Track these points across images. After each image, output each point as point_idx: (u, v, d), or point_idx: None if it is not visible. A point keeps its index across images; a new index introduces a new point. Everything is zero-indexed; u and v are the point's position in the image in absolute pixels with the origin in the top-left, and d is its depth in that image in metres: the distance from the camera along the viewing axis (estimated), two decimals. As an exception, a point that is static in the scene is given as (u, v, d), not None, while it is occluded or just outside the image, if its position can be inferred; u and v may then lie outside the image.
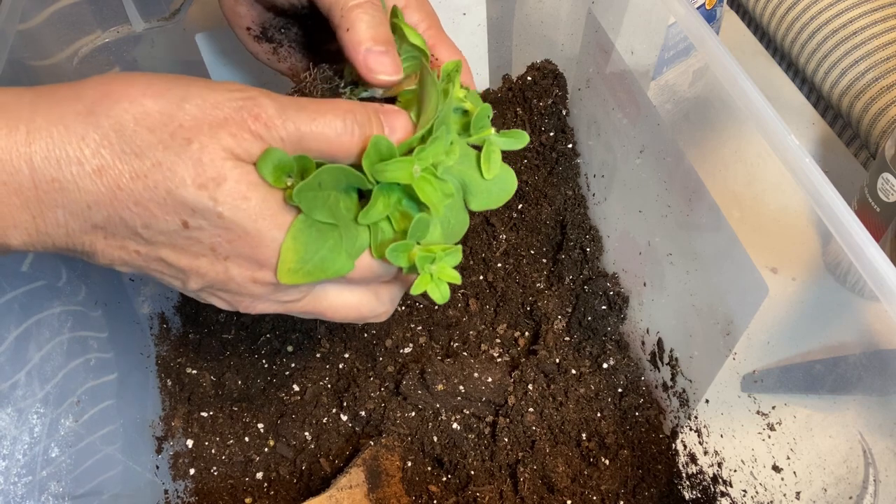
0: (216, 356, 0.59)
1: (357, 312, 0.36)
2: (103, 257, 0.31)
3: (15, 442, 0.41)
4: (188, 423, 0.56)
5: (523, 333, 0.61)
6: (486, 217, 0.64)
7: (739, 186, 0.46)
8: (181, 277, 0.32)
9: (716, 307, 0.48)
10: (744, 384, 0.49)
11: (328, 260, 0.32)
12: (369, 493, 0.51)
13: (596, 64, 0.58)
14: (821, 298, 0.47)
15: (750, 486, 0.48)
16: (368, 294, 0.37)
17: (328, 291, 0.35)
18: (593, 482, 0.53)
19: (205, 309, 0.60)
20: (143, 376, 0.57)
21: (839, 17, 0.76)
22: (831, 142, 0.72)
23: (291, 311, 0.35)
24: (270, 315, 0.60)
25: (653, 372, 0.57)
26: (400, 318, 0.61)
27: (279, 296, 0.34)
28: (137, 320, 0.58)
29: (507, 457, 0.54)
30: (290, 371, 0.58)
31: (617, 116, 0.56)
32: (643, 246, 0.56)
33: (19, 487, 0.40)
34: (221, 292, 0.33)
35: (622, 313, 0.59)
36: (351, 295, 0.36)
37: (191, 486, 0.55)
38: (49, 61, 0.53)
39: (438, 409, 0.56)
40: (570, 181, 0.65)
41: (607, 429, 0.55)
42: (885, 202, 0.56)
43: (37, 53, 0.51)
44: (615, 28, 0.54)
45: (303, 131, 0.31)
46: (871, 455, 0.42)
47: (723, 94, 0.42)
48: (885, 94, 0.72)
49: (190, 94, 0.29)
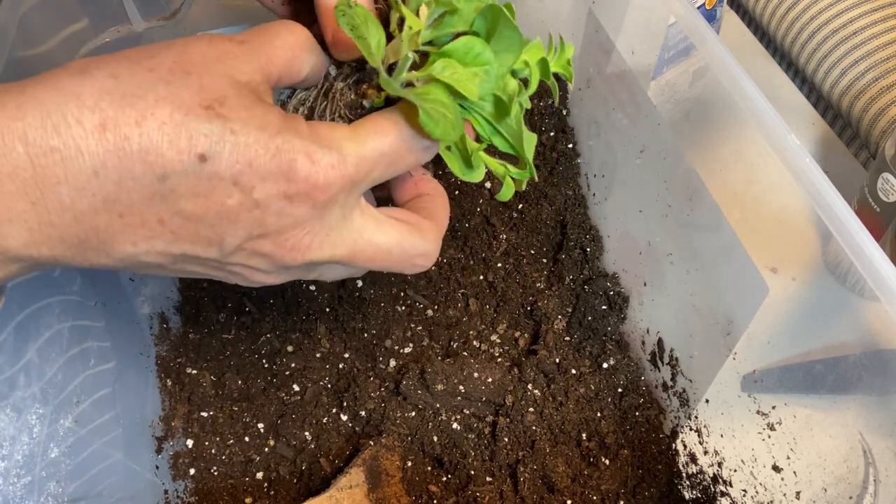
0: (216, 356, 0.59)
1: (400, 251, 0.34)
2: (123, 245, 0.28)
3: (14, 442, 0.41)
4: (188, 423, 0.56)
5: (523, 333, 0.61)
6: (487, 217, 0.64)
7: (740, 186, 0.46)
8: (215, 237, 0.29)
9: (716, 307, 0.48)
10: (744, 384, 0.49)
11: None
12: (369, 493, 0.51)
13: (596, 64, 0.58)
14: (821, 298, 0.48)
15: (750, 486, 0.48)
16: (411, 230, 0.34)
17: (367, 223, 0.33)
18: (593, 482, 0.53)
19: (205, 309, 0.60)
20: (143, 376, 0.57)
21: (839, 17, 0.76)
22: (831, 142, 0.72)
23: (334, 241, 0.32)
24: (270, 315, 0.60)
25: (653, 372, 0.57)
26: (400, 318, 0.61)
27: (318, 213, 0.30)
28: (137, 320, 0.58)
29: (507, 457, 0.54)
30: (290, 371, 0.58)
31: (617, 116, 0.56)
32: (643, 246, 0.56)
33: (18, 488, 0.40)
34: (259, 240, 0.30)
35: (622, 313, 0.59)
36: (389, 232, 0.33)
37: (191, 486, 0.55)
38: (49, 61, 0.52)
39: (438, 409, 0.56)
40: (570, 181, 0.65)
41: (607, 429, 0.55)
42: (885, 202, 0.56)
43: (36, 53, 0.51)
44: (615, 28, 0.54)
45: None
46: (871, 455, 0.42)
47: (723, 93, 0.42)
48: (885, 94, 0.72)
49: (174, 42, 0.29)
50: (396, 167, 0.32)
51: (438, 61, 0.31)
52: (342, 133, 0.31)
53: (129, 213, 0.27)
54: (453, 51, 0.32)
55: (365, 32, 0.31)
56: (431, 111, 0.30)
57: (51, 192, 0.26)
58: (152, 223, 0.28)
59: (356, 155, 0.30)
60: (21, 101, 0.26)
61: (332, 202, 0.30)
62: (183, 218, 0.28)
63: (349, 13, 0.30)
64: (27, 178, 0.26)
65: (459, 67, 0.32)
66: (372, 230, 0.33)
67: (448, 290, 0.62)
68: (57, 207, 0.26)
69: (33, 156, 0.26)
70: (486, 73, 0.32)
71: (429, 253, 0.35)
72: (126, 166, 0.26)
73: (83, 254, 0.28)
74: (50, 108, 0.26)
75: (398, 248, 0.33)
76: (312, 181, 0.29)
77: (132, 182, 0.27)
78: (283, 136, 0.28)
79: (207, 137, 0.27)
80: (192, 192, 0.28)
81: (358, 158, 0.30)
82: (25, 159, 0.26)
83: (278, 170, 0.28)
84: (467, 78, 0.31)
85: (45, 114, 0.26)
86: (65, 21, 0.52)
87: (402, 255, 0.34)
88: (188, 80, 0.28)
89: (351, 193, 0.31)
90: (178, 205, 0.28)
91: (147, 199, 0.27)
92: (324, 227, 0.31)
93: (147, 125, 0.26)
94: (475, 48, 0.32)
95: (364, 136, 0.31)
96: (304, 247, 0.31)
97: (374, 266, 0.34)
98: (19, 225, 0.26)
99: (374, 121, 0.32)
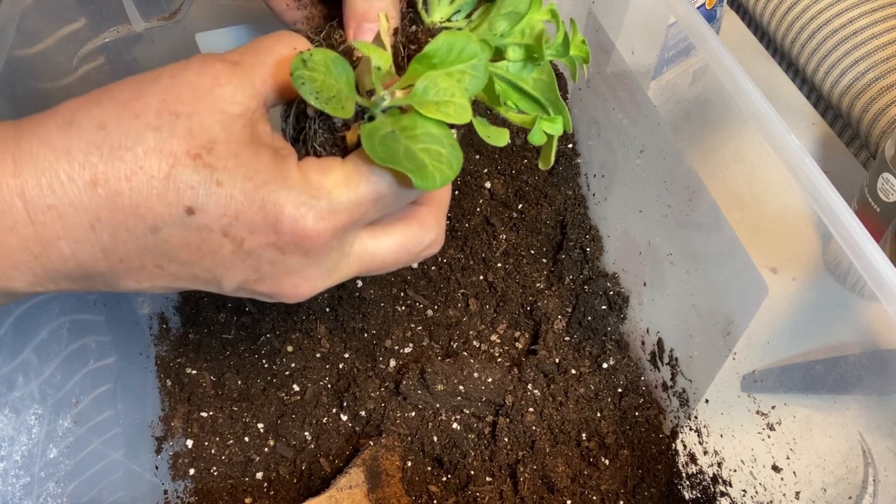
0: (216, 356, 0.59)
1: (406, 252, 0.33)
2: (127, 283, 0.29)
3: (13, 443, 0.41)
4: (188, 423, 0.56)
5: (523, 333, 0.61)
6: (487, 217, 0.64)
7: (740, 186, 0.46)
8: (213, 280, 0.30)
9: (716, 307, 0.48)
10: (744, 384, 0.49)
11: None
12: (369, 493, 0.51)
13: (596, 64, 0.58)
14: (821, 298, 0.48)
15: (750, 486, 0.48)
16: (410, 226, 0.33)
17: (365, 244, 0.32)
18: (593, 482, 0.53)
19: (205, 309, 0.60)
20: (143, 376, 0.57)
21: (839, 17, 0.76)
22: (831, 142, 0.72)
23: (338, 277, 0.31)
24: (270, 315, 0.60)
25: (653, 372, 0.57)
26: (400, 318, 0.61)
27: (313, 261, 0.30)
28: (137, 320, 0.58)
29: (507, 457, 0.54)
30: (290, 371, 0.58)
31: (617, 116, 0.56)
32: (643, 246, 0.56)
33: (17, 488, 0.40)
34: (257, 283, 0.30)
35: (622, 313, 0.59)
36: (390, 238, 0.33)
37: (190, 487, 0.54)
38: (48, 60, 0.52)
39: (438, 409, 0.56)
40: (570, 181, 0.65)
41: (607, 429, 0.55)
42: (885, 202, 0.56)
43: (35, 52, 0.51)
44: (615, 28, 0.54)
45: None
46: (870, 455, 0.42)
47: (723, 93, 0.42)
48: (885, 94, 0.72)
49: (163, 73, 0.28)
50: (395, 206, 0.32)
51: (419, 81, 0.29)
52: (334, 179, 0.29)
53: (128, 259, 0.28)
54: (434, 52, 0.30)
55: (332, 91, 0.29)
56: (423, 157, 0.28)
57: (52, 246, 0.27)
58: (150, 268, 0.29)
59: (348, 202, 0.29)
60: (17, 156, 0.26)
61: (325, 249, 0.30)
62: (180, 264, 0.29)
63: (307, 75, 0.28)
64: (28, 235, 0.27)
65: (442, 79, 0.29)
66: (373, 248, 0.32)
67: (448, 290, 0.62)
68: (59, 258, 0.27)
69: (31, 213, 0.26)
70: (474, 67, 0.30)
71: (434, 241, 0.34)
72: (119, 219, 0.27)
73: (90, 287, 0.29)
74: (43, 166, 0.26)
75: (402, 250, 0.33)
76: (300, 233, 0.28)
77: (126, 234, 0.27)
78: (269, 187, 0.28)
79: (194, 190, 0.27)
80: (185, 243, 0.28)
81: (350, 206, 0.29)
82: (25, 216, 0.26)
83: (265, 222, 0.28)
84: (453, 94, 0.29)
85: (40, 172, 0.26)
86: (64, 21, 0.52)
87: (409, 254, 0.33)
88: (177, 124, 0.27)
89: (345, 237, 0.30)
90: (173, 253, 0.28)
91: (142, 249, 0.28)
92: (323, 272, 0.31)
93: (136, 179, 0.27)
94: (457, 44, 0.30)
95: (357, 181, 0.29)
96: (306, 291, 0.31)
97: (386, 270, 0.34)
98: (24, 272, 0.27)
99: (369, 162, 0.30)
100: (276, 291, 0.31)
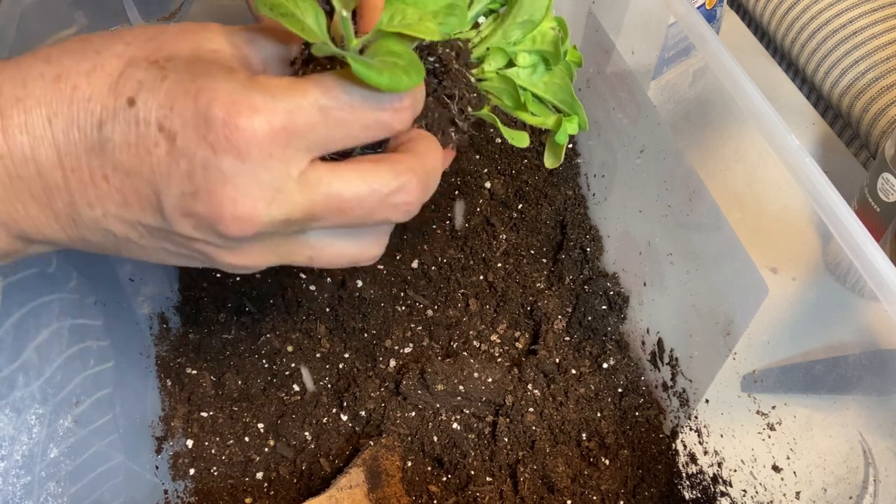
0: (216, 356, 0.59)
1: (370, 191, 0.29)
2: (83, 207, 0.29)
3: (13, 443, 0.41)
4: (188, 423, 0.56)
5: (523, 333, 0.61)
6: (487, 217, 0.64)
7: (740, 186, 0.46)
8: (153, 195, 0.28)
9: (716, 307, 0.48)
10: (744, 384, 0.49)
11: None
12: (369, 493, 0.51)
13: (596, 64, 0.58)
14: (821, 298, 0.48)
15: (750, 486, 0.48)
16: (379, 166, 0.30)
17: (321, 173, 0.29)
18: (593, 482, 0.53)
19: (205, 309, 0.60)
20: (143, 376, 0.57)
21: (839, 17, 0.76)
22: (831, 142, 0.72)
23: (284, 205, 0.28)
24: (270, 315, 0.60)
25: (653, 372, 0.57)
26: (400, 318, 0.61)
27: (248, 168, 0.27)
28: (137, 320, 0.58)
29: (507, 457, 0.54)
30: (290, 371, 0.58)
31: (617, 116, 0.56)
32: (643, 246, 0.56)
33: (17, 488, 0.40)
34: (194, 199, 0.28)
35: (622, 313, 0.59)
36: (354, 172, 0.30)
37: (191, 487, 0.55)
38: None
39: (438, 409, 0.56)
40: (570, 181, 0.65)
41: (607, 429, 0.55)
42: (885, 202, 0.56)
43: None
44: (615, 28, 0.54)
45: None
46: (871, 455, 0.42)
47: (723, 94, 0.42)
48: (885, 94, 0.72)
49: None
50: (349, 127, 0.29)
51: (385, 10, 0.29)
52: (282, 81, 0.28)
53: (78, 167, 0.28)
54: None
55: (291, 8, 0.28)
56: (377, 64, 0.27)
57: (14, 141, 0.28)
58: (98, 179, 0.28)
59: (290, 103, 0.27)
60: (5, 64, 0.29)
61: (262, 156, 0.27)
62: (123, 174, 0.28)
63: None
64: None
65: (410, 10, 0.29)
66: (329, 178, 0.29)
67: (448, 290, 0.62)
68: (21, 158, 0.28)
69: (2, 107, 0.28)
70: (451, 7, 0.29)
71: (404, 187, 0.30)
72: (73, 114, 0.28)
73: (56, 219, 0.30)
74: (23, 66, 0.29)
75: (366, 188, 0.29)
76: (232, 124, 0.26)
77: (77, 132, 0.28)
78: (208, 78, 0.27)
79: (140, 83, 0.28)
80: (125, 141, 0.28)
81: (291, 106, 0.27)
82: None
83: (196, 111, 0.26)
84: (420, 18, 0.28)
85: (18, 69, 0.29)
86: (64, 21, 0.52)
87: (375, 196, 0.29)
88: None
89: (288, 147, 0.28)
90: (115, 156, 0.28)
91: (89, 151, 0.28)
92: (264, 188, 0.28)
93: (95, 76, 0.28)
94: None
95: (305, 85, 0.28)
96: (246, 211, 0.28)
97: (348, 220, 0.30)
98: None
99: (321, 74, 0.28)
100: (213, 211, 0.28)
